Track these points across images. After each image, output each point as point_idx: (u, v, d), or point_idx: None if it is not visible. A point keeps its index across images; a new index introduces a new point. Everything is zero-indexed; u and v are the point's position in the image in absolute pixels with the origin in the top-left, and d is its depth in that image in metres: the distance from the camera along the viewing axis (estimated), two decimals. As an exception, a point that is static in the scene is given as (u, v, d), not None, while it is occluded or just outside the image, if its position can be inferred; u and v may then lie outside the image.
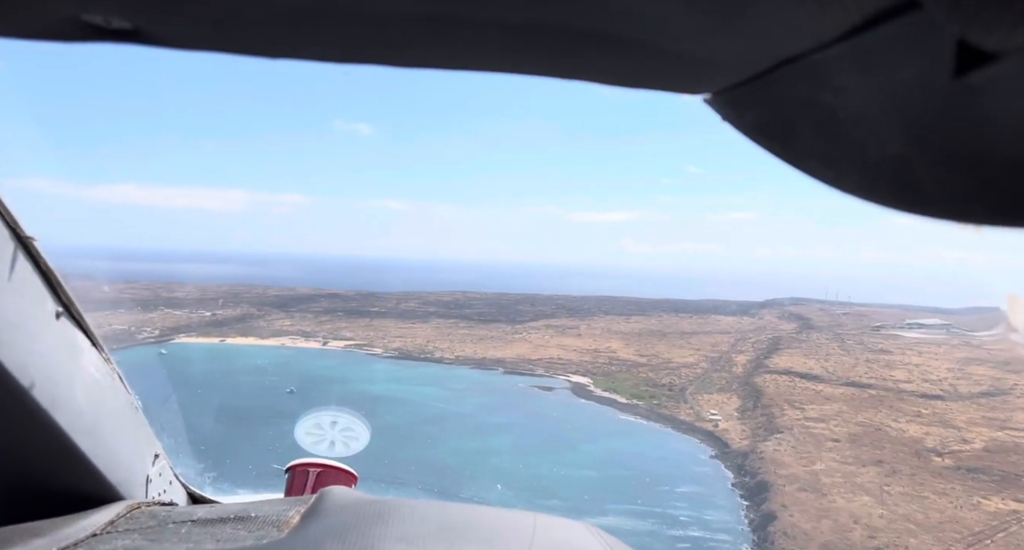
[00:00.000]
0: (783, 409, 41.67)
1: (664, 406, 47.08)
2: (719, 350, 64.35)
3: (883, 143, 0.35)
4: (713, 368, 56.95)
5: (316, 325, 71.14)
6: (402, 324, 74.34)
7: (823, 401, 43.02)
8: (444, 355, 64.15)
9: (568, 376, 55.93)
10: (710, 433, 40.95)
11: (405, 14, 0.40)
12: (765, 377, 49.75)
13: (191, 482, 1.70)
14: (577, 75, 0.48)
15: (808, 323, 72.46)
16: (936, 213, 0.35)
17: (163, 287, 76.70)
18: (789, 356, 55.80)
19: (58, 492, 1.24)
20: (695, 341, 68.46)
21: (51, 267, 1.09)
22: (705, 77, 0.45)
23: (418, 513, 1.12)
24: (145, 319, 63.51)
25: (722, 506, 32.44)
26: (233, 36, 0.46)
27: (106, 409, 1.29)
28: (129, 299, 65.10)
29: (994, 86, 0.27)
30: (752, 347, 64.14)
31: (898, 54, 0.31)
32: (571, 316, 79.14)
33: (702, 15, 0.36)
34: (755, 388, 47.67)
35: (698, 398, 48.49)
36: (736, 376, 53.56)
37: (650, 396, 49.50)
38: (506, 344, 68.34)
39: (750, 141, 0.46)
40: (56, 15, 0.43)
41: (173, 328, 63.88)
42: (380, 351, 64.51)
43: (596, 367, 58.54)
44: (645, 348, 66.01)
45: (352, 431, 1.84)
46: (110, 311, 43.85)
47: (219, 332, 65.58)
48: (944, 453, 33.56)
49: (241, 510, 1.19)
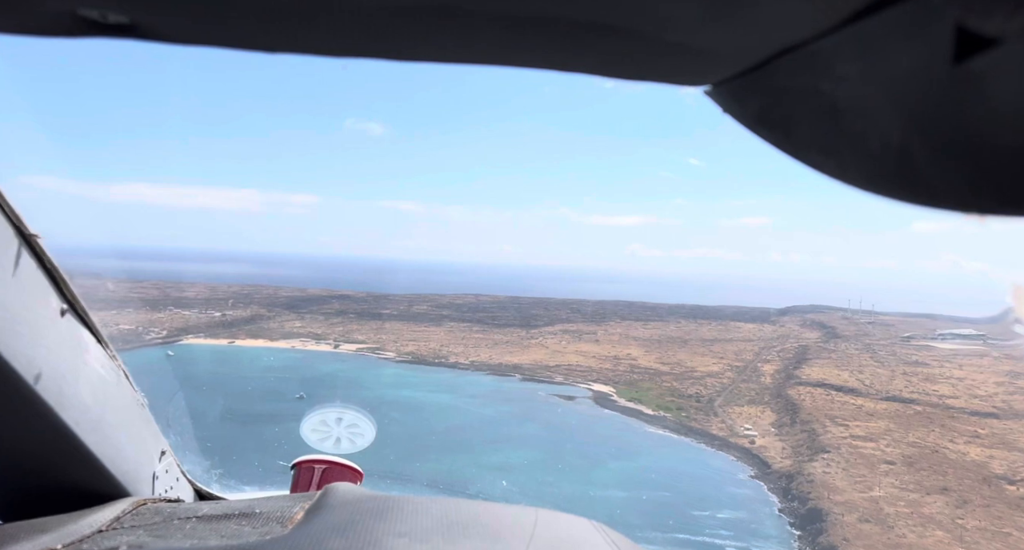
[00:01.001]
0: (825, 425, 38.52)
1: (693, 419, 44.06)
2: (743, 359, 61.73)
3: (884, 132, 0.35)
4: (740, 378, 54.08)
5: (327, 327, 69.43)
6: (415, 327, 72.44)
7: (867, 417, 39.78)
8: (459, 360, 61.86)
9: (589, 384, 53.08)
10: (746, 450, 37.85)
11: (404, 6, 0.40)
12: (799, 389, 46.68)
13: (198, 479, 1.68)
14: (576, 68, 0.48)
15: (833, 332, 69.80)
16: (939, 203, 0.34)
17: (173, 286, 75.44)
18: (820, 367, 52.79)
19: (64, 488, 1.24)
20: (718, 349, 65.96)
21: (56, 264, 1.09)
22: (705, 68, 0.45)
23: (421, 509, 1.13)
24: (153, 319, 61.85)
25: (771, 535, 29.23)
26: (230, 30, 0.46)
27: (112, 406, 1.28)
28: (137, 298, 63.49)
29: (994, 71, 0.27)
30: (778, 356, 61.38)
31: (897, 41, 0.31)
32: (588, 321, 77.28)
33: (701, 6, 0.36)
34: (789, 401, 44.60)
35: (728, 410, 45.48)
36: (766, 387, 50.60)
37: (677, 407, 46.50)
38: (522, 349, 66.02)
39: (751, 133, 0.45)
40: (51, 10, 0.43)
41: (181, 328, 62.32)
42: (392, 355, 62.49)
43: (617, 375, 55.73)
44: (667, 355, 63.46)
45: (358, 427, 1.82)
46: (117, 310, 42.62)
47: (228, 333, 64.13)
48: (1017, 481, 30.35)
49: (246, 506, 1.19)
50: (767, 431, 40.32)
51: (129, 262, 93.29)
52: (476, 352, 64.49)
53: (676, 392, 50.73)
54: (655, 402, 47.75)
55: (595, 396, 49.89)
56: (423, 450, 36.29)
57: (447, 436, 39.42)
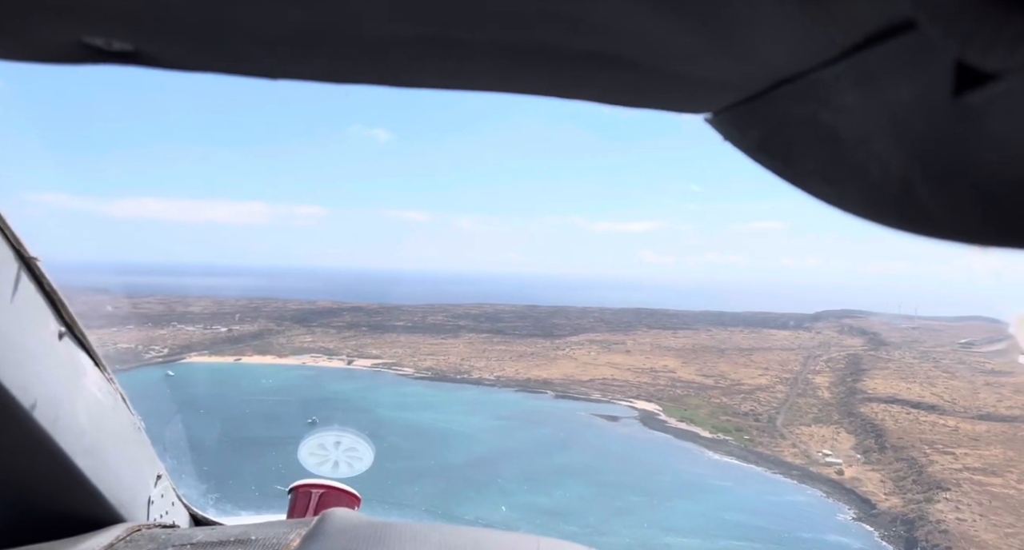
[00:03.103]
0: (926, 453, 32.20)
1: (759, 442, 37.85)
2: (790, 369, 55.91)
3: (884, 163, 0.34)
4: (794, 392, 48.07)
5: (339, 341, 64.18)
6: (431, 339, 67.08)
7: (971, 443, 33.40)
8: (483, 375, 56.18)
9: (631, 401, 47.03)
10: (836, 483, 31.59)
11: (403, 36, 0.39)
12: (871, 406, 40.51)
13: (194, 503, 1.65)
14: (576, 95, 0.47)
15: (877, 338, 64.07)
16: (939, 233, 0.34)
17: (178, 301, 70.40)
18: (883, 379, 46.67)
19: (58, 514, 1.21)
20: (758, 358, 60.25)
21: (54, 287, 1.08)
22: (705, 97, 0.45)
23: (420, 536, 1.10)
24: (154, 336, 56.64)
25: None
26: (232, 58, 0.46)
27: (108, 430, 1.25)
28: (139, 315, 58.46)
29: (993, 106, 0.26)
30: (828, 367, 55.52)
31: (897, 73, 0.30)
32: (612, 330, 71.98)
33: (701, 35, 0.36)
34: (865, 421, 38.43)
35: (794, 431, 39.34)
36: (827, 403, 44.51)
37: (736, 428, 40.35)
38: (549, 362, 60.38)
39: (752, 160, 0.45)
40: (57, 38, 0.43)
41: (184, 346, 57.19)
42: (411, 371, 57.02)
43: (659, 390, 49.73)
44: (706, 367, 57.67)
45: (356, 451, 1.77)
46: (117, 328, 37.80)
47: (234, 350, 59.17)
48: None
49: (242, 532, 1.17)
50: (850, 458, 34.09)
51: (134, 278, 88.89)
52: (500, 366, 58.93)
53: (728, 409, 44.66)
54: (710, 422, 41.63)
55: (641, 416, 43.80)
56: (454, 491, 30.28)
57: (477, 470, 33.43)
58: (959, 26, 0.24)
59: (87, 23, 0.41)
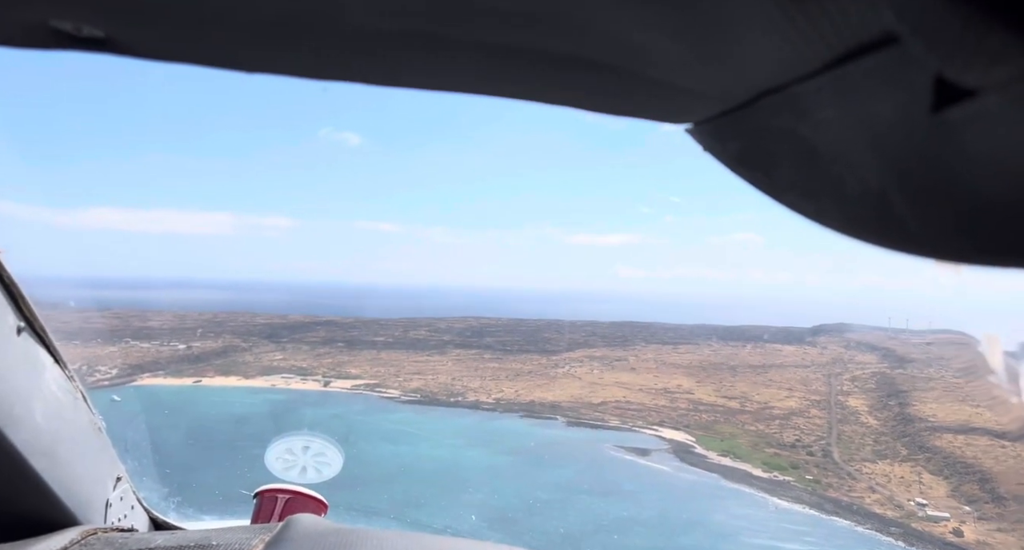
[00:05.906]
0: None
1: (827, 484, 30.70)
2: (815, 389, 49.67)
3: (863, 178, 0.34)
4: (834, 418, 41.33)
5: (314, 359, 56.10)
6: (416, 356, 59.28)
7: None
8: (479, 398, 48.60)
9: (655, 429, 39.74)
10: (956, 547, 24.54)
11: (384, 31, 0.38)
12: (946, 438, 33.88)
13: (155, 507, 1.58)
14: (557, 100, 0.47)
15: (892, 354, 58.10)
16: (916, 250, 0.33)
17: (136, 315, 60.70)
18: (938, 403, 40.32)
19: (11, 515, 1.15)
20: (775, 377, 53.95)
21: (14, 280, 1.03)
22: (687, 107, 0.44)
23: (386, 544, 1.07)
24: (101, 354, 47.13)
25: None
26: (209, 48, 0.44)
27: (67, 429, 1.19)
28: (86, 330, 49.45)
29: (972, 122, 0.26)
30: (856, 387, 49.43)
31: (877, 88, 0.30)
32: (610, 345, 65.17)
33: (684, 45, 0.35)
34: (948, 457, 31.67)
35: (861, 469, 32.34)
36: (879, 432, 37.88)
37: (791, 465, 33.27)
38: (550, 381, 53.05)
39: (731, 172, 0.44)
40: (23, 20, 0.40)
41: (136, 366, 48.58)
42: (397, 393, 49.33)
43: (682, 415, 42.65)
44: (724, 387, 51.10)
45: (324, 457, 1.71)
46: (61, 343, 30.00)
47: (194, 370, 50.75)
48: None
49: (203, 538, 1.13)
50: (957, 510, 27.17)
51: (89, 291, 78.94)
52: (497, 386, 51.41)
53: (770, 439, 37.72)
54: (756, 457, 34.50)
55: (673, 447, 36.48)
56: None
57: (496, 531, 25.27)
58: (941, 40, 0.23)
59: (56, 5, 0.38)
